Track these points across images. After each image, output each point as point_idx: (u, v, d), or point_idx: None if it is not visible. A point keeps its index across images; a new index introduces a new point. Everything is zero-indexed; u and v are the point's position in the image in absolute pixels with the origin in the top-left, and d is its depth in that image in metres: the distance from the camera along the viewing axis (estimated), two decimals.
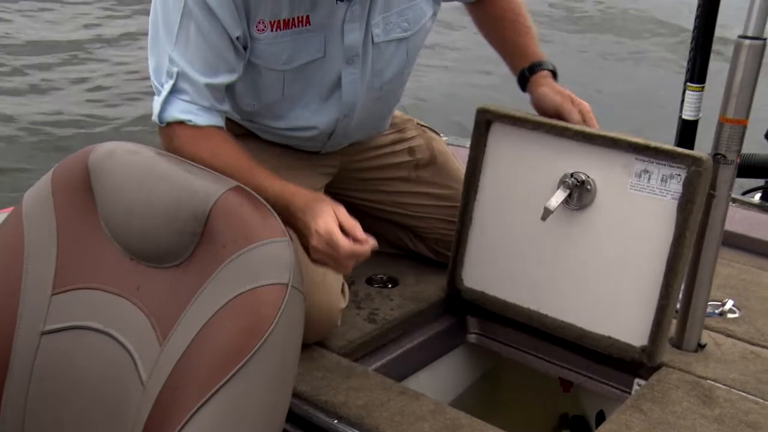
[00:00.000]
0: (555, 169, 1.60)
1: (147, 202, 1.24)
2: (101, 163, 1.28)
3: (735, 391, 1.49)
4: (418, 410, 1.33)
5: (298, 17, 1.45)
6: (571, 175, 1.58)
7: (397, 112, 1.86)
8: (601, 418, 1.75)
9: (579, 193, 1.59)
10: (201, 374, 1.13)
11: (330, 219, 1.34)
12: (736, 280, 1.93)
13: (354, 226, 1.35)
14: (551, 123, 1.60)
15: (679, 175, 1.50)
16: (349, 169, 1.79)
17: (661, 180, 1.52)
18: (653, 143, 1.51)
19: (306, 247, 1.37)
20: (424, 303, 1.72)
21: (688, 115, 2.13)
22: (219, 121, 1.45)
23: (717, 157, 1.52)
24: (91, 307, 1.29)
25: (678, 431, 1.35)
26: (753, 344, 1.67)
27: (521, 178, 1.65)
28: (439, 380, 1.76)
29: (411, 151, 1.87)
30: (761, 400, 1.47)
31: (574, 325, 1.63)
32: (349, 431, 1.26)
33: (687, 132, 2.11)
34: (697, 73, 2.06)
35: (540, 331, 1.67)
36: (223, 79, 1.43)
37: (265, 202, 1.22)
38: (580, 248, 1.60)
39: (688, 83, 2.07)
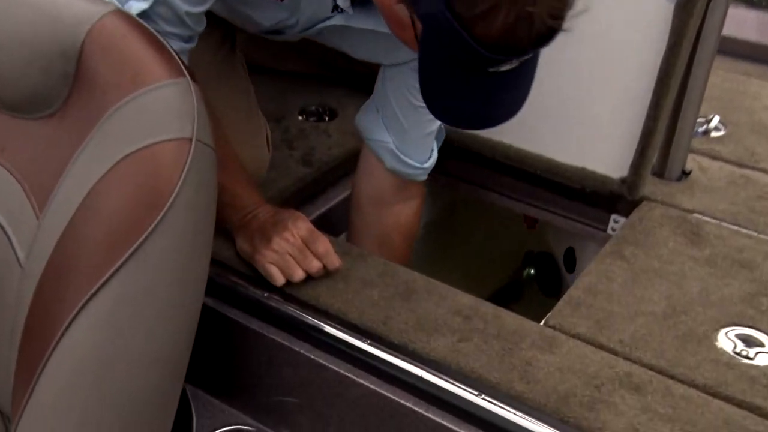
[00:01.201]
0: None
1: (5, 34, 0.96)
2: None
3: (725, 224, 1.32)
4: (364, 274, 1.14)
5: None
6: None
7: None
8: (570, 255, 1.59)
9: None
10: (89, 256, 0.90)
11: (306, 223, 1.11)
12: (719, 90, 1.71)
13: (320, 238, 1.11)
14: None
15: None
16: None
17: None
18: None
19: (253, 243, 1.11)
20: None
21: None
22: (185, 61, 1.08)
23: None
24: None
25: (666, 278, 1.19)
26: (742, 166, 1.49)
27: None
28: None
29: None
30: (755, 233, 1.30)
31: (542, 156, 1.40)
32: (283, 307, 1.08)
33: None
34: None
35: (503, 164, 1.46)
36: (203, 6, 1.08)
37: (155, 32, 0.95)
38: (552, 64, 1.36)
39: None
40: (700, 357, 1.04)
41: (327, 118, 1.52)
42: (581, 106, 1.35)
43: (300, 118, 1.51)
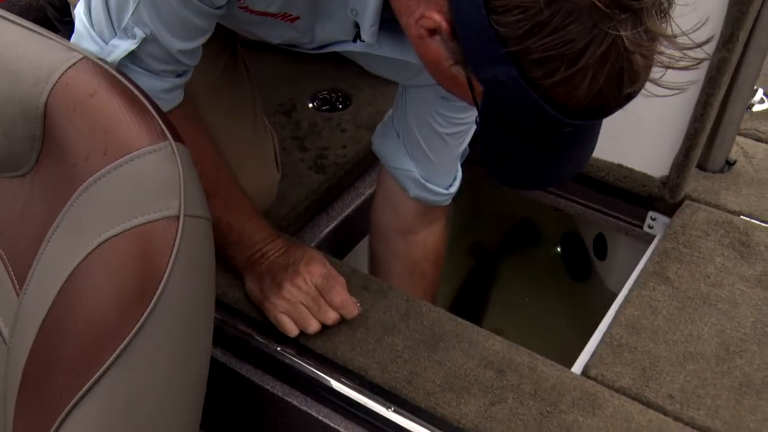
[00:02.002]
0: None
1: None
2: None
3: None
4: (385, 316, 0.95)
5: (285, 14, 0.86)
6: None
7: None
8: (600, 241, 1.39)
9: None
10: (73, 355, 0.71)
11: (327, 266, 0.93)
12: None
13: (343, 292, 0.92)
14: None
15: None
16: None
17: None
18: None
19: (263, 288, 0.93)
20: None
21: None
22: (179, 95, 0.89)
23: None
24: None
25: (715, 307, 0.99)
26: None
27: None
28: None
29: None
30: None
31: None
32: (298, 365, 0.89)
33: None
34: None
35: None
36: (198, 42, 0.85)
37: (130, 85, 0.72)
38: None
39: None
40: (759, 416, 0.86)
41: (340, 106, 1.28)
42: None
43: (311, 105, 1.28)
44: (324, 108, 1.28)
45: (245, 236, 0.94)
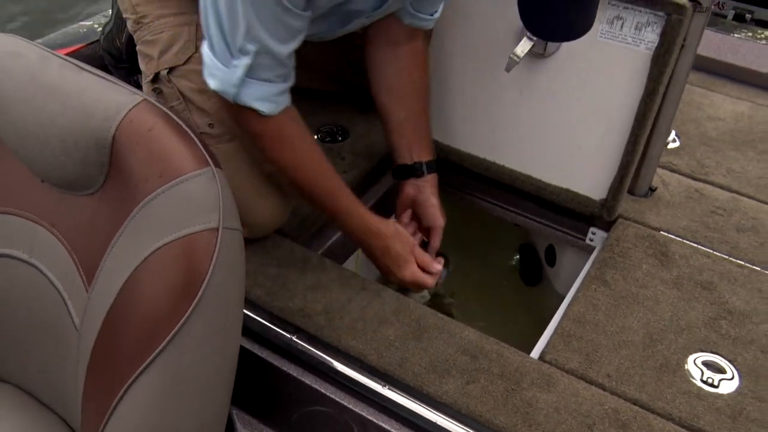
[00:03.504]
0: (518, 16, 1.11)
1: (39, 125, 0.76)
2: None
3: (687, 242, 1.16)
4: (380, 311, 0.98)
5: None
6: None
7: None
8: (551, 251, 1.43)
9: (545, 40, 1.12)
10: (131, 341, 0.73)
11: (411, 270, 1.06)
12: None
13: (430, 263, 1.08)
14: None
15: (655, 23, 1.03)
16: None
17: (635, 28, 1.05)
18: None
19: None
20: (376, 157, 1.27)
21: None
22: (288, 99, 0.93)
23: (690, 5, 1.05)
24: (9, 234, 0.86)
25: (642, 304, 1.03)
26: (695, 179, 1.31)
27: (484, 27, 1.15)
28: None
29: None
30: (711, 251, 1.14)
31: (532, 177, 1.23)
32: (308, 350, 0.91)
33: None
34: None
35: (497, 182, 1.27)
36: (298, 41, 0.89)
37: (180, 121, 0.75)
38: (543, 99, 1.16)
39: None
40: (674, 389, 0.91)
41: (340, 138, 1.31)
42: (568, 135, 1.17)
43: (316, 137, 1.31)
44: (327, 140, 1.31)
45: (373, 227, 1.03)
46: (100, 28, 1.41)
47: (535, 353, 0.97)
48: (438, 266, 1.08)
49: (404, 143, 1.12)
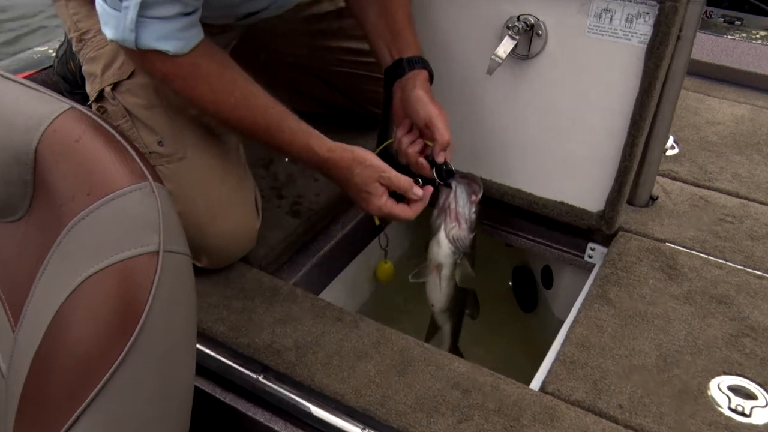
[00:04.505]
0: (498, 13, 1.03)
1: None
2: None
3: (696, 253, 1.07)
4: (358, 344, 0.88)
5: None
6: (518, 18, 1.03)
7: None
8: (547, 272, 1.33)
9: (528, 39, 1.05)
10: (60, 387, 0.63)
11: (379, 204, 0.93)
12: None
13: (407, 187, 0.94)
14: None
15: (647, 13, 0.96)
16: (263, 28, 1.19)
17: (626, 20, 0.98)
18: None
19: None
20: None
21: None
22: (197, 34, 0.85)
23: None
24: None
25: (653, 323, 0.94)
26: (699, 186, 1.23)
27: (458, 26, 1.08)
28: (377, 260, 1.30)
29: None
30: (723, 262, 1.06)
31: (522, 191, 1.15)
32: (278, 392, 0.81)
33: None
34: None
35: (486, 198, 1.20)
36: None
37: (112, 130, 0.66)
38: (529, 105, 1.09)
39: None
40: (699, 419, 0.80)
41: None
42: (559, 144, 1.08)
43: (287, 159, 1.22)
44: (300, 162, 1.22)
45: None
46: (54, 53, 1.34)
47: (536, 384, 0.87)
48: (419, 191, 0.94)
49: (382, 43, 1.02)
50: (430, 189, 0.96)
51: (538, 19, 1.01)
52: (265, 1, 0.98)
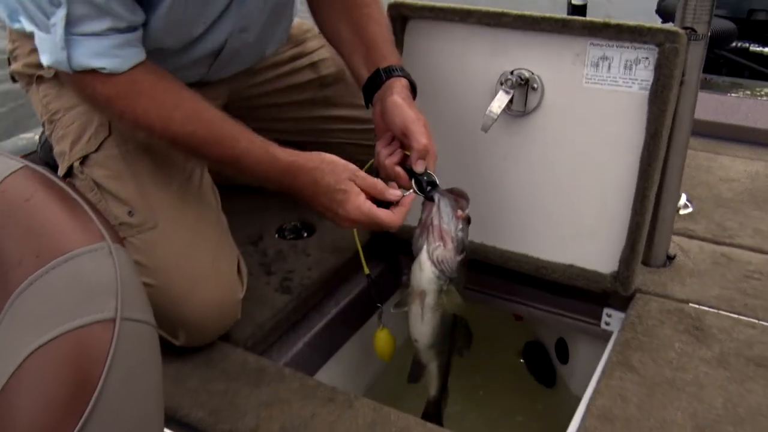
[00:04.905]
0: (491, 68, 1.01)
1: None
2: None
3: (724, 313, 0.99)
4: (352, 427, 0.79)
5: None
6: (512, 72, 0.99)
7: (294, 21, 1.20)
8: (562, 345, 1.24)
9: (524, 94, 1.01)
10: None
11: (356, 203, 0.84)
12: None
13: (383, 190, 0.86)
14: (483, 10, 1.00)
15: (647, 57, 0.92)
16: (242, 97, 1.17)
17: (625, 67, 0.95)
18: (613, 20, 0.93)
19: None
20: (347, 252, 1.12)
21: None
22: (137, 53, 0.83)
23: (685, 32, 0.96)
24: None
25: (684, 391, 0.85)
26: (718, 243, 1.16)
27: (451, 83, 1.05)
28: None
29: (314, 66, 1.23)
30: (756, 321, 0.98)
31: (529, 256, 1.07)
32: None
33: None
34: None
35: (485, 264, 1.13)
36: None
37: (67, 188, 0.62)
38: (530, 162, 1.04)
39: None
40: None
41: (306, 234, 1.17)
42: (565, 202, 1.03)
43: (277, 236, 1.17)
44: (290, 237, 1.16)
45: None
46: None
47: None
48: (396, 192, 0.85)
49: (358, 58, 0.96)
50: (411, 195, 0.87)
51: (533, 73, 0.98)
52: (223, 35, 0.95)
